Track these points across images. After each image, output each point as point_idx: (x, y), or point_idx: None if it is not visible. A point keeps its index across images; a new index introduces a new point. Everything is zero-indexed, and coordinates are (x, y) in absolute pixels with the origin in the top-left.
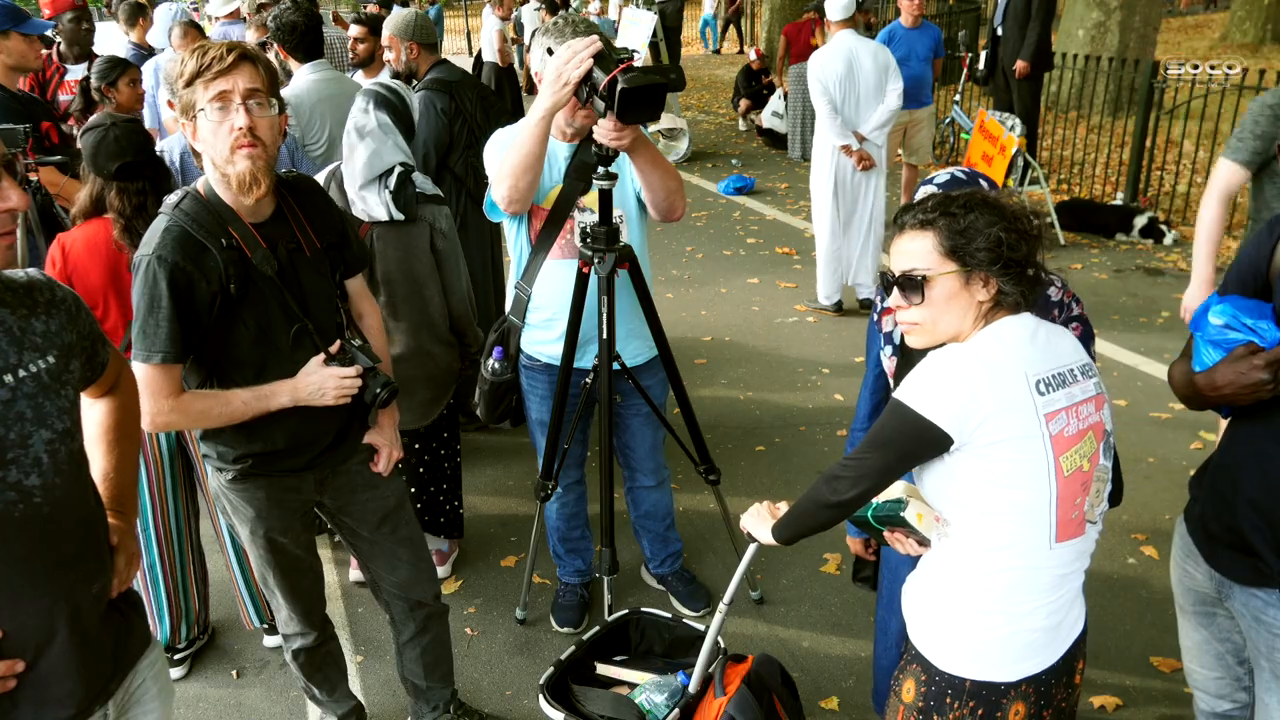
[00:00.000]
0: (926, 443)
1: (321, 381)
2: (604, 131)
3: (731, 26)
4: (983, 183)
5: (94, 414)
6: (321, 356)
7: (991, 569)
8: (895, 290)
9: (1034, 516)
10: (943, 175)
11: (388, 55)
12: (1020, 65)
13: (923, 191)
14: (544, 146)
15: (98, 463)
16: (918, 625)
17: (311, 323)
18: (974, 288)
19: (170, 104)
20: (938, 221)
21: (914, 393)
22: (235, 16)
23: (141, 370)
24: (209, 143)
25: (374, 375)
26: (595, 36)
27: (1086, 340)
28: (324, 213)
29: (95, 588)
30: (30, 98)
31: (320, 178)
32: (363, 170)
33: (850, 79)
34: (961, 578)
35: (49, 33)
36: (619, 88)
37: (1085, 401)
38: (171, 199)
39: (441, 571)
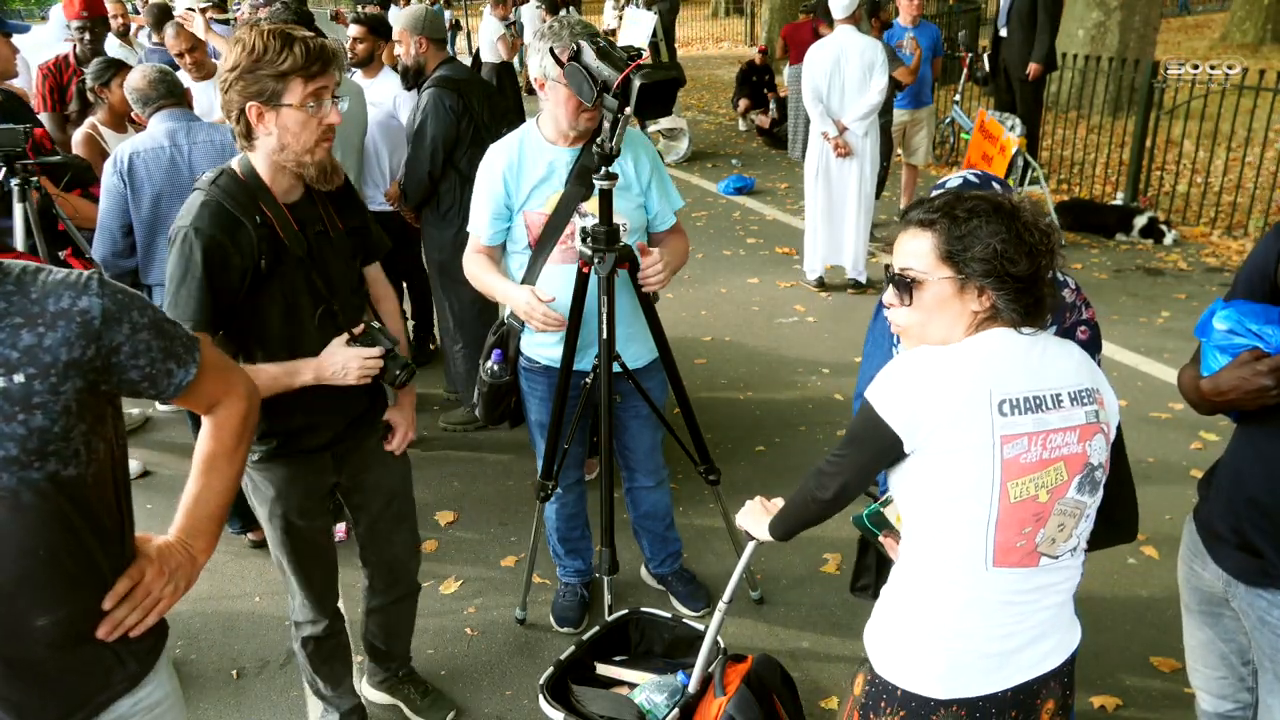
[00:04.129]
0: (885, 441)
1: (345, 361)
2: (646, 273)
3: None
4: (995, 185)
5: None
6: (345, 337)
7: (930, 581)
8: (890, 287)
9: (969, 533)
10: (954, 179)
11: (398, 50)
12: (1033, 68)
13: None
14: None
15: (188, 488)
16: (871, 625)
17: (336, 303)
18: (968, 297)
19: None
20: (939, 223)
21: (876, 390)
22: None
23: None
24: (293, 134)
25: (394, 357)
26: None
27: (1093, 346)
28: (347, 198)
29: (43, 620)
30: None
31: None
32: None
33: (837, 70)
34: (906, 585)
35: (67, 37)
36: (637, 84)
37: (1062, 430)
38: (208, 176)
39: None
